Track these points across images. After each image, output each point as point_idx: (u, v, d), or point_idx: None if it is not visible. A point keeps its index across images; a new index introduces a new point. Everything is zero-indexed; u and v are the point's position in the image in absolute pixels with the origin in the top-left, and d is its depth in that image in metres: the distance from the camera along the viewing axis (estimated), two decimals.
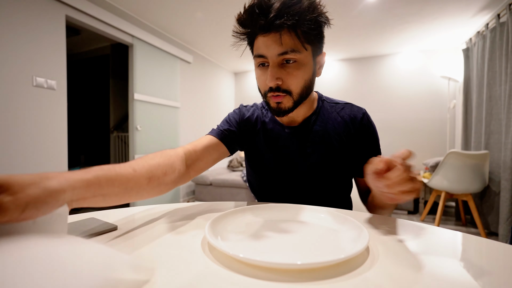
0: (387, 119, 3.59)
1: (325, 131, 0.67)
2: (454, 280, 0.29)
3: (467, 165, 2.04)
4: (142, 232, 0.44)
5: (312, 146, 0.67)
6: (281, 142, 0.69)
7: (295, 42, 0.53)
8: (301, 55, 0.55)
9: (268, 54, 0.55)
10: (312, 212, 0.51)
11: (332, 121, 0.68)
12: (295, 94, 0.58)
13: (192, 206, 0.61)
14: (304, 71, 0.57)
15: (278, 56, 0.54)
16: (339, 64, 3.86)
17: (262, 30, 0.53)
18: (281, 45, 0.53)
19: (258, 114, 0.74)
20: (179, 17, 2.53)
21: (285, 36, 0.52)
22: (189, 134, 3.31)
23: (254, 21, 0.53)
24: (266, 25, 0.52)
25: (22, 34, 1.67)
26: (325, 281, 0.29)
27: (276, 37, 0.52)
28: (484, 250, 0.38)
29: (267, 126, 0.71)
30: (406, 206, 2.73)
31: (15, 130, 1.64)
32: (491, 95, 2.24)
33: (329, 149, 0.66)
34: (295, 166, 0.68)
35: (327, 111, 0.69)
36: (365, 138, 0.67)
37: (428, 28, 2.72)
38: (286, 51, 0.53)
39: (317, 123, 0.68)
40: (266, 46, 0.54)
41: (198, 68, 3.47)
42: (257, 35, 0.55)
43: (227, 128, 0.70)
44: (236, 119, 0.73)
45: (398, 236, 0.45)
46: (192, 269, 0.31)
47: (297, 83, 0.57)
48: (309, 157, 0.67)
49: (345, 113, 0.68)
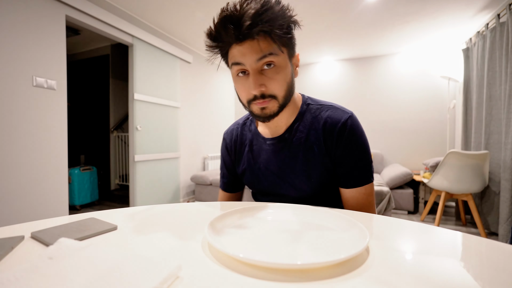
0: (387, 119, 3.59)
1: (307, 138, 0.65)
2: (454, 280, 0.29)
3: (467, 165, 2.04)
4: (142, 232, 0.44)
5: (295, 155, 0.65)
6: (264, 155, 0.70)
7: (272, 46, 0.54)
8: (279, 58, 0.55)
9: (246, 62, 0.54)
10: (312, 212, 0.51)
11: (315, 126, 0.65)
12: (280, 98, 0.58)
13: (192, 206, 0.61)
14: (284, 73, 0.57)
15: (257, 62, 0.54)
16: (339, 64, 3.86)
17: (238, 40, 0.53)
18: (260, 51, 0.53)
19: (239, 133, 0.76)
20: (179, 17, 2.53)
21: (260, 41, 0.53)
22: (189, 134, 3.31)
23: (227, 33, 0.52)
24: (241, 35, 0.51)
25: (22, 34, 1.67)
26: (325, 281, 0.29)
27: (253, 44, 0.53)
28: (484, 250, 0.38)
29: (252, 141, 0.73)
30: (406, 206, 2.73)
31: (15, 130, 1.64)
32: (491, 95, 2.24)
33: (310, 157, 0.64)
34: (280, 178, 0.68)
35: (311, 116, 0.66)
36: (347, 146, 0.62)
37: (428, 28, 2.72)
38: (265, 54, 0.53)
39: (299, 128, 0.66)
40: (243, 54, 0.54)
41: (198, 68, 3.47)
42: (231, 45, 0.55)
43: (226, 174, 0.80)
44: (227, 154, 0.79)
45: (398, 236, 0.45)
46: (192, 269, 0.31)
47: (280, 86, 0.57)
48: (292, 167, 0.66)
49: (327, 118, 0.64)
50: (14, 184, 1.64)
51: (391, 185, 2.72)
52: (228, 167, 0.79)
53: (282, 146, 0.67)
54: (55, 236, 0.39)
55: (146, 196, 2.66)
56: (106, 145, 3.69)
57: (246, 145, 0.74)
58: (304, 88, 4.03)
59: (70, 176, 2.85)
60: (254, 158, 0.72)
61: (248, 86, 0.56)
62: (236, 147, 0.76)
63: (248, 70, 0.56)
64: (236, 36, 0.52)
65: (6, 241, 0.38)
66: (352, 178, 0.63)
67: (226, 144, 0.79)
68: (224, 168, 0.80)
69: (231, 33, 0.52)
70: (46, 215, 1.82)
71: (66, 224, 0.46)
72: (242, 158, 0.75)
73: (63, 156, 1.93)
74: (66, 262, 0.29)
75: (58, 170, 1.90)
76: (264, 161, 0.69)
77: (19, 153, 1.67)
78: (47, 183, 1.83)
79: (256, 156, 0.71)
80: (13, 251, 0.36)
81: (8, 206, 1.62)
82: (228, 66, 0.61)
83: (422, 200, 2.84)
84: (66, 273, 0.27)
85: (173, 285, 0.27)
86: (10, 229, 0.44)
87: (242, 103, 0.63)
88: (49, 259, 0.29)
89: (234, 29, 0.51)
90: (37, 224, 0.46)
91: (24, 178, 1.69)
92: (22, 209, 1.69)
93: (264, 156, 0.70)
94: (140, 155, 2.55)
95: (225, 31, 0.52)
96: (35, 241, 0.40)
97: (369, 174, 0.63)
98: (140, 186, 2.57)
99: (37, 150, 1.76)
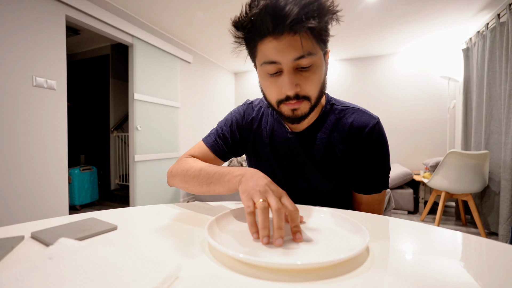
0: (387, 119, 3.59)
1: (328, 139, 0.62)
2: (454, 280, 0.29)
3: (467, 165, 2.04)
4: (142, 232, 0.44)
5: (314, 154, 0.63)
6: (284, 146, 0.66)
7: (313, 44, 0.48)
8: (316, 57, 0.50)
9: (282, 59, 0.48)
10: (312, 212, 0.51)
11: (339, 128, 0.62)
12: (313, 99, 0.54)
13: (192, 206, 0.61)
14: (320, 73, 0.52)
15: (294, 61, 0.48)
16: (339, 64, 3.86)
17: (277, 32, 0.46)
18: (297, 49, 0.47)
19: (265, 113, 0.70)
20: (179, 17, 2.53)
21: (301, 38, 0.46)
22: (189, 134, 3.31)
23: (264, 23, 0.46)
24: (282, 28, 0.45)
25: (22, 34, 1.67)
26: (325, 281, 0.29)
27: (293, 40, 0.46)
28: (484, 250, 0.38)
29: (273, 127, 0.67)
30: (406, 206, 2.73)
31: (15, 130, 1.64)
32: (491, 95, 2.23)
33: (330, 158, 0.62)
34: (297, 173, 0.65)
35: (335, 116, 0.63)
36: (371, 151, 0.60)
37: (428, 28, 2.72)
38: (303, 54, 0.48)
39: (321, 129, 0.63)
40: (280, 51, 0.47)
41: (198, 68, 3.47)
42: (264, 38, 0.48)
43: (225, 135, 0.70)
44: (238, 121, 0.71)
45: (398, 236, 0.45)
46: (192, 269, 0.31)
47: (315, 87, 0.52)
48: (310, 165, 0.64)
49: (354, 121, 0.61)
50: (14, 184, 1.64)
51: (391, 185, 2.72)
52: (232, 130, 0.71)
53: (302, 142, 0.64)
54: (55, 236, 0.39)
55: (146, 196, 2.65)
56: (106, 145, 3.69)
57: (266, 129, 0.68)
58: None
59: (70, 176, 2.85)
60: (272, 146, 0.67)
61: (281, 85, 0.51)
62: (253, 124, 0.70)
63: (283, 69, 0.50)
64: (276, 28, 0.45)
65: (6, 241, 0.38)
66: (371, 184, 0.62)
67: (245, 114, 0.71)
68: (226, 128, 0.71)
69: (269, 24, 0.45)
70: (46, 215, 1.82)
71: (66, 224, 0.46)
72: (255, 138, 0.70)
73: (63, 156, 1.93)
74: (66, 262, 0.29)
75: (58, 170, 1.90)
76: (283, 152, 0.66)
77: (19, 153, 1.67)
78: (47, 183, 1.83)
79: (275, 144, 0.67)
80: (13, 251, 0.36)
81: (8, 206, 1.62)
82: (253, 59, 0.56)
83: (422, 200, 2.84)
84: (66, 273, 0.27)
85: (173, 285, 0.27)
86: (10, 229, 0.44)
87: (269, 102, 0.58)
88: (49, 259, 0.29)
89: (274, 20, 0.45)
90: (37, 224, 0.46)
91: (24, 178, 1.69)
92: (22, 209, 1.68)
93: (283, 148, 0.66)
94: (140, 155, 2.55)
95: (263, 21, 0.46)
96: (35, 241, 0.39)
97: (387, 181, 0.63)
98: (140, 186, 2.57)
99: (37, 150, 1.76)
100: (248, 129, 0.71)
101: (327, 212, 0.49)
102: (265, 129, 0.68)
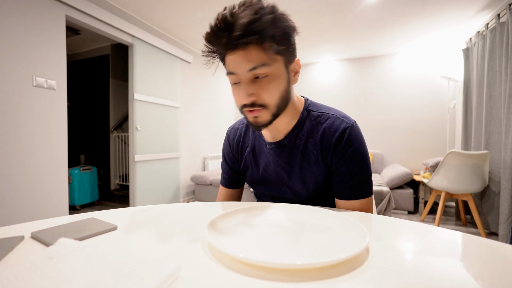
0: (387, 119, 3.59)
1: (304, 146, 0.64)
2: (454, 280, 0.29)
3: (467, 165, 2.04)
4: (142, 232, 0.44)
5: (293, 161, 0.66)
6: (264, 158, 0.70)
7: (263, 56, 0.52)
8: (271, 68, 0.53)
9: (238, 71, 0.54)
10: (312, 212, 0.51)
11: (314, 134, 0.64)
12: (272, 107, 0.57)
13: (192, 206, 0.61)
14: (278, 82, 0.55)
15: (248, 72, 0.53)
16: (339, 64, 3.86)
17: (229, 48, 0.52)
18: (250, 61, 0.52)
19: (242, 132, 0.76)
20: (179, 17, 2.53)
21: (252, 51, 0.51)
22: (189, 134, 3.31)
23: (220, 40, 0.51)
24: (232, 43, 0.50)
25: (22, 34, 1.67)
26: (325, 281, 0.29)
27: (244, 54, 0.51)
28: (484, 250, 0.38)
29: (255, 143, 0.73)
30: (406, 206, 2.73)
31: (15, 130, 1.64)
32: (491, 95, 2.24)
33: (306, 164, 0.64)
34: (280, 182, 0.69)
35: (311, 123, 0.65)
36: (342, 155, 0.60)
37: (428, 28, 2.72)
38: (255, 66, 0.52)
39: (298, 135, 0.65)
40: (235, 63, 0.53)
41: (198, 68, 3.47)
42: (226, 53, 0.54)
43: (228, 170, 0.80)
44: (228, 152, 0.79)
45: (398, 236, 0.45)
46: (192, 269, 0.31)
47: (271, 96, 0.55)
48: (289, 172, 0.67)
49: (326, 126, 0.63)
50: (14, 184, 1.64)
51: (391, 185, 2.72)
52: (229, 162, 0.80)
53: (281, 151, 0.67)
54: (55, 236, 0.39)
55: (146, 196, 2.65)
56: (106, 145, 3.69)
57: (249, 145, 0.74)
58: (304, 88, 4.03)
59: (70, 176, 2.85)
60: (255, 159, 0.73)
61: (240, 94, 0.56)
62: (238, 146, 0.77)
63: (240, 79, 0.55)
64: (228, 45, 0.51)
65: (6, 241, 0.38)
66: (346, 189, 0.61)
67: (229, 141, 0.79)
68: (225, 163, 0.81)
69: (223, 42, 0.51)
70: (46, 215, 1.82)
71: (66, 224, 0.46)
72: (243, 157, 0.76)
73: (63, 156, 1.93)
74: (66, 262, 0.29)
75: (58, 170, 1.90)
76: (264, 163, 0.71)
77: (19, 153, 1.67)
78: (47, 183, 1.83)
79: (258, 157, 0.72)
80: (13, 251, 0.36)
81: (8, 206, 1.62)
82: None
83: (422, 200, 2.84)
84: (66, 273, 0.27)
85: (173, 285, 0.27)
86: (10, 229, 0.44)
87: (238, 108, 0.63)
88: (49, 259, 0.29)
89: (226, 37, 0.50)
90: (37, 224, 0.46)
91: (24, 178, 1.69)
92: (22, 209, 1.68)
93: (264, 158, 0.70)
94: (140, 155, 2.55)
95: (217, 37, 0.52)
96: (35, 241, 0.40)
97: (366, 188, 0.61)
98: (140, 186, 2.57)
99: (37, 150, 1.76)
100: (237, 152, 0.77)
101: (327, 212, 0.49)
102: (247, 146, 0.75)
